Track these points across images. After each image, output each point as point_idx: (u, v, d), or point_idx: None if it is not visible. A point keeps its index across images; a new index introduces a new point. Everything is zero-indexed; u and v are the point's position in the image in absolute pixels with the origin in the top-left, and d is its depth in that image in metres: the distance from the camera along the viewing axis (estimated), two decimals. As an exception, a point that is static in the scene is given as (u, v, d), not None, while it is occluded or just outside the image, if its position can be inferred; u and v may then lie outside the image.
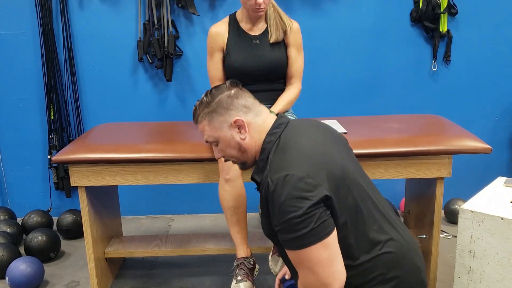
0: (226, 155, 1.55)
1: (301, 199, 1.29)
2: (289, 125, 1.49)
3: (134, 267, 2.66)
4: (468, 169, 3.16)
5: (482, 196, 2.02)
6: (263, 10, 2.16)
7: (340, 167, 1.40)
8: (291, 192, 1.30)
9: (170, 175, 2.18)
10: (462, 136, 2.19)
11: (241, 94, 1.48)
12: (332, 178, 1.35)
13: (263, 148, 1.46)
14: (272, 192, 1.33)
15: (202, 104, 1.49)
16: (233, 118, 1.46)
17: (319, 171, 1.34)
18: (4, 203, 3.29)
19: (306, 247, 1.31)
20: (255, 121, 1.47)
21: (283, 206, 1.30)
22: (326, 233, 1.32)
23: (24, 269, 2.37)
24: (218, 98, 1.47)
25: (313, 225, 1.29)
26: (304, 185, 1.30)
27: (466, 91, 3.13)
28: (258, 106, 1.50)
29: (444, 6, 2.93)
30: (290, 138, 1.44)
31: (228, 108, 1.46)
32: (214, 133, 1.50)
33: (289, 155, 1.38)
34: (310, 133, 1.48)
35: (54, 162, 2.20)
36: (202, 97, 1.51)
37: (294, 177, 1.31)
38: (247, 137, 1.47)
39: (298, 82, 2.31)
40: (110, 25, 3.00)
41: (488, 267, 1.88)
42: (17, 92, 3.10)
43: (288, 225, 1.31)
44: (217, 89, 1.50)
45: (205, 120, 1.49)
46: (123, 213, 2.88)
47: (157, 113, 3.13)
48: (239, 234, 2.07)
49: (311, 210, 1.29)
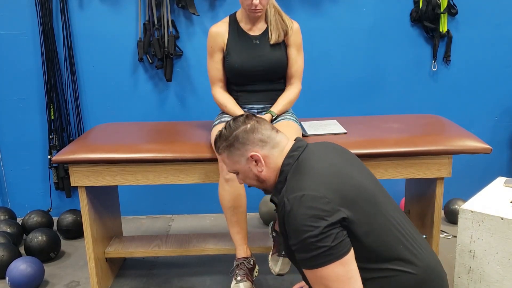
0: (247, 183, 1.62)
1: (317, 219, 1.31)
2: (307, 148, 1.53)
3: (134, 267, 2.66)
4: (468, 169, 3.17)
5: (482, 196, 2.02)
6: (260, 11, 2.15)
7: (359, 188, 1.41)
8: (307, 212, 1.32)
9: (170, 175, 2.18)
10: (462, 136, 2.19)
11: (257, 127, 1.53)
12: (349, 199, 1.37)
13: (281, 171, 1.51)
14: (288, 211, 1.35)
15: (221, 138, 1.58)
16: (250, 153, 1.52)
17: (336, 192, 1.36)
18: (4, 203, 3.29)
19: (323, 265, 1.33)
20: (271, 154, 1.52)
21: (299, 226, 1.32)
22: (343, 252, 1.33)
23: (24, 269, 2.37)
24: (235, 133, 1.53)
25: (331, 243, 1.31)
26: (321, 205, 1.32)
27: (466, 91, 3.13)
28: (275, 137, 1.54)
29: (444, 6, 2.93)
30: (308, 160, 1.47)
31: (245, 143, 1.52)
32: (233, 166, 1.59)
33: (306, 176, 1.40)
34: (327, 155, 1.51)
35: (54, 162, 2.20)
36: (222, 129, 1.59)
37: (310, 197, 1.33)
38: (264, 169, 1.53)
39: (298, 82, 2.31)
40: (110, 25, 3.00)
41: (488, 267, 1.88)
42: (17, 92, 3.10)
43: (305, 244, 1.33)
44: (235, 122, 1.56)
45: (224, 153, 1.58)
46: (123, 213, 2.88)
47: (157, 113, 3.13)
48: (239, 234, 2.07)
49: (328, 230, 1.31)
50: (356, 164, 1.54)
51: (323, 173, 1.41)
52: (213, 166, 2.14)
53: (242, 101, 2.29)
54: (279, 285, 2.42)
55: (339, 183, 1.39)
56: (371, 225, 1.39)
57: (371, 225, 1.39)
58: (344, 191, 1.37)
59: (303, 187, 1.37)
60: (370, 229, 1.38)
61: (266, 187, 1.60)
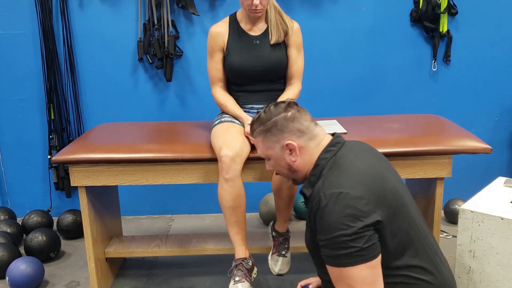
0: (276, 171, 1.61)
1: (353, 219, 1.30)
2: (345, 145, 1.51)
3: (134, 267, 2.66)
4: (468, 169, 3.17)
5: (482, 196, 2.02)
6: (260, 11, 2.15)
7: (394, 193, 1.41)
8: (344, 210, 1.31)
9: (170, 175, 2.18)
10: (462, 136, 2.19)
11: (298, 117, 1.51)
12: (385, 202, 1.36)
13: (316, 164, 1.48)
14: (323, 207, 1.34)
15: (259, 121, 1.55)
16: (286, 141, 1.50)
17: (374, 194, 1.35)
18: (4, 203, 3.29)
19: (350, 265, 1.32)
20: (307, 145, 1.50)
21: (334, 223, 1.32)
22: (373, 255, 1.33)
23: (24, 269, 2.37)
24: (274, 119, 1.51)
25: (362, 245, 1.31)
26: (359, 206, 1.31)
27: (466, 91, 3.13)
28: (313, 129, 1.52)
29: (444, 6, 2.93)
30: (346, 157, 1.45)
31: (282, 130, 1.50)
32: (266, 151, 1.56)
33: (345, 174, 1.39)
34: (365, 155, 1.49)
35: (54, 162, 2.20)
36: (260, 112, 1.56)
37: (349, 196, 1.32)
38: (297, 159, 1.51)
39: (298, 82, 2.31)
40: (110, 25, 3.00)
41: (488, 267, 1.88)
42: (17, 92, 3.10)
43: (336, 242, 1.32)
44: (276, 107, 1.53)
45: (259, 137, 1.56)
46: (123, 213, 2.88)
47: (157, 113, 3.13)
48: (237, 234, 2.07)
49: (362, 231, 1.31)
50: (389, 167, 1.53)
51: (362, 173, 1.39)
52: (213, 166, 2.14)
53: (242, 101, 2.29)
54: (279, 285, 2.42)
55: (377, 185, 1.38)
56: (399, 231, 1.38)
57: (400, 231, 1.38)
58: (381, 194, 1.37)
59: (342, 184, 1.35)
60: (398, 235, 1.38)
61: (296, 178, 1.58)
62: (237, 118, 2.24)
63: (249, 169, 2.14)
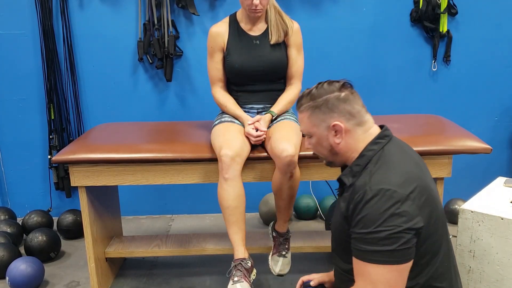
0: (316, 150, 1.54)
1: (398, 218, 1.28)
2: (393, 140, 1.46)
3: (134, 267, 2.66)
4: (468, 169, 3.17)
5: (482, 196, 2.02)
6: (260, 11, 2.15)
7: (433, 198, 1.39)
8: (390, 208, 1.28)
9: (170, 175, 2.18)
10: (462, 136, 2.19)
11: (350, 99, 1.45)
12: (427, 208, 1.34)
13: (362, 154, 1.43)
14: (368, 200, 1.31)
15: (309, 95, 1.48)
16: (333, 121, 1.43)
17: (419, 197, 1.32)
18: (4, 203, 3.29)
19: (379, 263, 1.30)
20: (354, 130, 1.44)
21: (376, 219, 1.29)
22: (405, 260, 1.31)
23: (24, 269, 2.37)
24: (326, 97, 1.45)
25: (397, 246, 1.28)
26: (405, 207, 1.29)
27: (466, 91, 3.13)
28: (364, 115, 1.46)
29: (444, 6, 2.93)
30: (394, 154, 1.41)
31: (332, 110, 1.43)
32: (311, 128, 1.49)
33: (393, 171, 1.35)
34: (410, 155, 1.46)
35: (54, 162, 2.20)
36: (312, 87, 1.49)
37: (396, 195, 1.29)
38: (341, 142, 1.45)
39: (298, 83, 2.31)
40: (110, 25, 3.00)
41: (488, 267, 1.88)
42: (17, 92, 3.10)
43: (373, 237, 1.30)
44: (329, 85, 1.47)
45: (306, 112, 1.48)
46: (123, 213, 2.88)
47: (157, 113, 3.13)
48: (237, 234, 2.06)
49: (403, 232, 1.28)
50: (427, 171, 1.50)
51: (409, 174, 1.36)
52: (213, 166, 2.14)
53: (242, 101, 2.29)
54: (279, 285, 2.42)
55: (422, 188, 1.35)
56: (431, 239, 1.36)
57: (431, 239, 1.37)
58: (425, 198, 1.34)
59: (390, 182, 1.31)
60: (427, 242, 1.36)
61: (334, 161, 1.51)
62: (237, 118, 2.24)
63: (249, 169, 2.14)
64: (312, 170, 2.16)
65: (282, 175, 2.05)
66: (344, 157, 1.48)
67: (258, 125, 2.13)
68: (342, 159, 1.49)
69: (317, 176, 2.18)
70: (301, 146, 2.11)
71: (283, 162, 2.00)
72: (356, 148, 1.44)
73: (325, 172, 2.18)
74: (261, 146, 2.17)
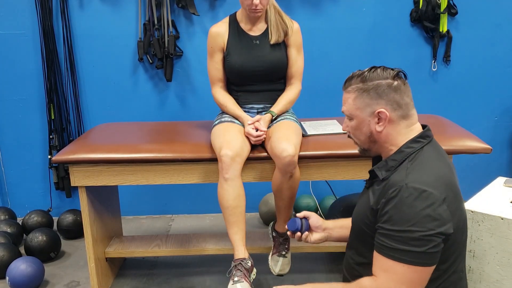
0: (353, 134, 1.50)
1: (431, 221, 1.27)
2: (432, 142, 1.44)
3: (134, 267, 2.66)
4: (468, 169, 3.16)
5: (482, 196, 2.02)
6: (260, 11, 2.15)
7: (462, 206, 1.39)
8: (425, 209, 1.27)
9: (170, 175, 2.18)
10: (462, 136, 2.19)
11: (402, 90, 1.41)
12: (457, 215, 1.34)
13: (401, 150, 1.40)
14: (404, 198, 1.29)
15: (360, 77, 1.44)
16: (379, 108, 1.40)
17: (453, 203, 1.32)
18: (4, 203, 3.29)
19: (403, 262, 1.30)
20: (398, 122, 1.41)
21: (410, 218, 1.28)
22: (430, 263, 1.31)
23: (24, 269, 2.37)
24: (377, 82, 1.40)
25: (427, 249, 1.28)
26: (440, 211, 1.28)
27: (466, 91, 3.13)
28: (410, 109, 1.43)
29: (444, 6, 2.93)
30: (432, 156, 1.40)
31: (381, 96, 1.39)
32: (354, 110, 1.44)
33: (431, 173, 1.34)
34: (445, 159, 1.44)
35: (54, 162, 2.20)
36: (365, 70, 1.45)
37: (432, 197, 1.28)
38: (383, 131, 1.41)
39: (298, 83, 2.31)
40: (110, 25, 3.00)
41: (488, 267, 1.88)
42: (17, 92, 3.10)
43: (403, 236, 1.29)
44: (384, 71, 1.42)
45: (353, 93, 1.44)
46: (123, 213, 2.88)
47: (157, 113, 3.13)
48: (237, 234, 2.06)
49: (434, 236, 1.28)
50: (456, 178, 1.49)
51: (445, 178, 1.35)
52: (213, 166, 2.14)
53: (242, 101, 2.29)
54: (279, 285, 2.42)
55: (455, 194, 1.35)
56: (455, 246, 1.37)
57: (455, 246, 1.37)
58: (456, 206, 1.34)
59: (428, 183, 1.30)
60: (451, 249, 1.37)
61: (371, 149, 1.48)
62: (237, 118, 2.24)
63: (249, 169, 2.14)
64: (312, 170, 2.16)
65: (282, 175, 2.05)
66: (381, 148, 1.45)
67: (258, 125, 2.13)
68: (379, 149, 1.46)
69: (317, 176, 2.18)
70: (301, 146, 2.11)
71: (283, 162, 2.00)
72: (396, 141, 1.42)
73: (325, 172, 2.18)
74: (261, 146, 2.17)
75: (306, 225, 1.72)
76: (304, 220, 1.73)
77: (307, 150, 2.13)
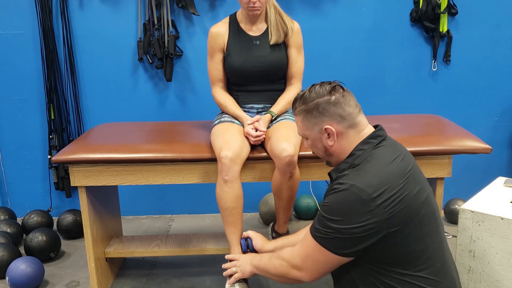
0: (313, 151, 1.62)
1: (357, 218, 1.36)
2: (387, 140, 1.50)
3: (134, 267, 2.66)
4: (468, 169, 3.17)
5: (482, 196, 2.02)
6: (258, 9, 2.14)
7: (421, 203, 1.41)
8: (347, 203, 1.36)
9: (170, 175, 2.18)
10: (462, 136, 2.19)
11: (341, 102, 1.48)
12: (405, 211, 1.37)
13: (352, 153, 1.48)
14: (338, 191, 1.39)
15: (302, 99, 1.53)
16: (325, 125, 1.48)
17: (392, 202, 1.35)
18: (4, 203, 3.29)
19: (317, 241, 1.44)
20: (346, 132, 1.48)
21: (341, 211, 1.37)
22: (338, 252, 1.41)
23: (24, 269, 2.37)
24: (316, 101, 1.49)
25: (340, 237, 1.39)
26: (365, 209, 1.34)
27: (466, 91, 3.13)
28: (355, 117, 1.49)
29: (444, 6, 2.93)
30: (383, 154, 1.45)
31: (323, 114, 1.48)
32: (304, 131, 1.56)
33: (373, 172, 1.39)
34: (403, 156, 1.48)
35: (54, 162, 2.20)
36: (305, 90, 1.54)
37: (363, 194, 1.35)
38: (334, 144, 1.50)
39: (298, 83, 2.31)
40: (110, 25, 3.00)
41: (488, 267, 1.88)
42: (17, 92, 3.10)
43: (325, 222, 1.40)
44: (321, 88, 1.50)
45: (300, 116, 1.54)
46: (123, 213, 2.88)
47: (157, 113, 3.13)
48: (234, 234, 2.07)
49: (353, 229, 1.36)
50: (420, 173, 1.52)
51: (390, 177, 1.38)
52: (213, 166, 2.14)
53: (242, 101, 2.29)
54: (279, 285, 2.42)
55: (402, 192, 1.38)
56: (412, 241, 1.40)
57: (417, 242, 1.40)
58: (402, 203, 1.36)
59: (365, 181, 1.37)
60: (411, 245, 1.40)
61: (331, 161, 1.58)
62: (237, 118, 2.24)
63: (249, 169, 2.14)
64: (312, 170, 2.16)
65: (282, 175, 2.05)
66: (339, 158, 1.53)
67: (257, 125, 2.13)
68: (337, 159, 1.54)
69: (317, 176, 2.18)
70: (301, 146, 2.11)
71: (283, 162, 2.00)
72: (349, 149, 1.50)
73: (325, 172, 2.18)
74: (261, 146, 2.17)
75: (251, 244, 1.96)
76: (249, 240, 1.94)
77: (307, 150, 2.13)
